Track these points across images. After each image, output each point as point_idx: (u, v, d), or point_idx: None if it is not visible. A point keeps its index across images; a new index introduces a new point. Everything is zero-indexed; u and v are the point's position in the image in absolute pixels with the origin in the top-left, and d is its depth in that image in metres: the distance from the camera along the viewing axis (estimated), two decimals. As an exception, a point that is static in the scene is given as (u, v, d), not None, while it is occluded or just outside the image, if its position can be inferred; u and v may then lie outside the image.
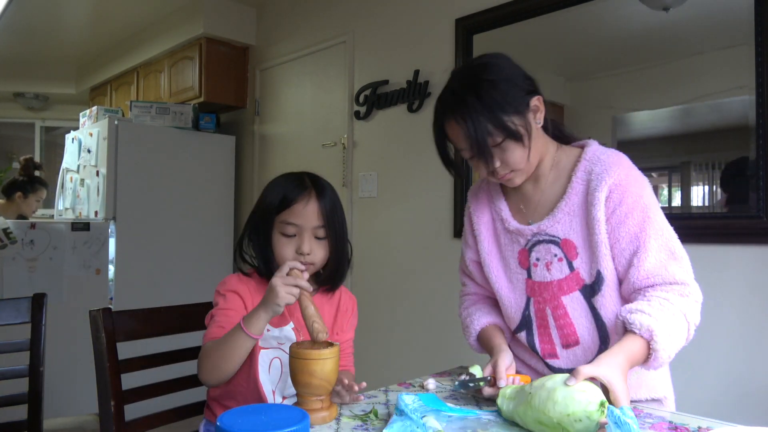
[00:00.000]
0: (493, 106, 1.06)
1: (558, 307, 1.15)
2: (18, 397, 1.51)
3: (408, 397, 1.00)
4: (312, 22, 3.33)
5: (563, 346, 1.17)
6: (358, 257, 3.02)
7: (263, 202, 1.23)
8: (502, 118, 1.06)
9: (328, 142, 3.18)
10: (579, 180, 1.13)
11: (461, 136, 1.10)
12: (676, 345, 1.02)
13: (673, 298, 1.04)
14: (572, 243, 1.13)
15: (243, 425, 0.76)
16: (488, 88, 1.07)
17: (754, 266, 1.70)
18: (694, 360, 1.78)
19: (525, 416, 0.95)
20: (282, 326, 1.22)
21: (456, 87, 1.12)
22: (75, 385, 3.01)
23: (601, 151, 1.15)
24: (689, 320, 1.04)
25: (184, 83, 3.83)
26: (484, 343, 1.26)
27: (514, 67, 1.14)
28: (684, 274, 1.06)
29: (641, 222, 1.08)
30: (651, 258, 1.06)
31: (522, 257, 1.19)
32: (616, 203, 1.08)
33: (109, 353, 1.20)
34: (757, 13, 1.68)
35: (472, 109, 1.06)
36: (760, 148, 1.67)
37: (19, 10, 3.82)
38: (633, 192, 1.08)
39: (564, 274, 1.14)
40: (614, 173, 1.09)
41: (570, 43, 2.14)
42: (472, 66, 1.15)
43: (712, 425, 0.99)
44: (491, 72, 1.10)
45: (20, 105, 5.51)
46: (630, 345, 0.99)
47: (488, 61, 1.14)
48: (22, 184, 3.68)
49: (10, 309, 1.53)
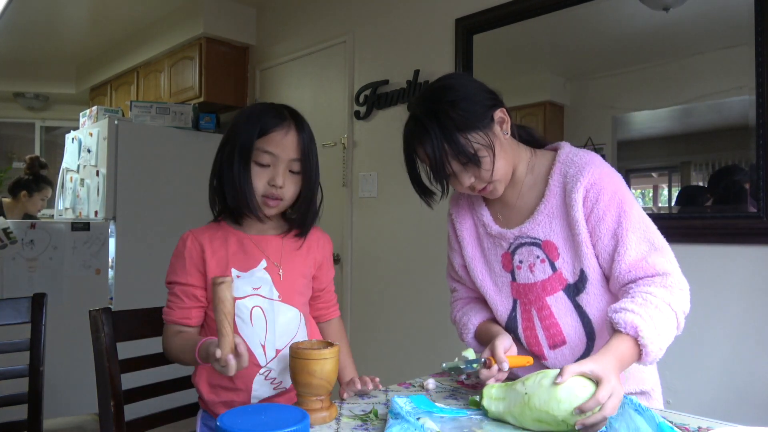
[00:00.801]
0: (455, 128, 1.08)
1: (543, 307, 1.17)
2: (18, 397, 1.51)
3: (400, 400, 1.01)
4: (312, 22, 3.34)
5: (550, 347, 1.18)
6: (358, 257, 3.02)
7: (237, 130, 1.17)
8: (463, 140, 1.08)
9: (328, 142, 3.18)
10: (555, 183, 1.15)
11: (429, 162, 1.14)
12: (665, 337, 1.03)
13: (656, 290, 1.04)
14: (553, 244, 1.15)
15: (243, 425, 0.76)
16: (449, 110, 1.09)
17: (754, 266, 1.70)
18: (694, 360, 1.78)
19: (522, 416, 0.95)
20: (252, 269, 1.17)
21: (418, 114, 1.14)
22: (75, 385, 3.01)
23: (574, 152, 1.17)
24: (675, 309, 1.04)
25: (184, 83, 3.83)
26: (482, 337, 1.26)
27: (473, 83, 1.16)
28: (666, 264, 1.07)
29: (618, 217, 1.10)
30: (631, 251, 1.08)
31: (505, 260, 1.22)
32: (593, 202, 1.11)
33: (109, 353, 1.20)
34: (757, 13, 1.68)
35: (434, 136, 1.09)
36: (760, 148, 1.67)
37: (19, 10, 3.82)
38: (608, 189, 1.10)
39: (547, 274, 1.16)
40: (588, 173, 1.11)
41: (570, 43, 2.14)
42: (432, 89, 1.16)
43: (712, 425, 0.99)
44: (450, 93, 1.12)
45: (20, 105, 5.51)
46: (617, 343, 1.00)
47: (446, 83, 1.16)
48: (27, 182, 3.67)
49: (10, 309, 1.53)
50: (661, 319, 1.02)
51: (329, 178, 3.18)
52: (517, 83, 2.34)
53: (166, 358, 1.19)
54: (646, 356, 1.01)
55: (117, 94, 4.69)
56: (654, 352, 1.01)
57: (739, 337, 1.72)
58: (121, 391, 1.21)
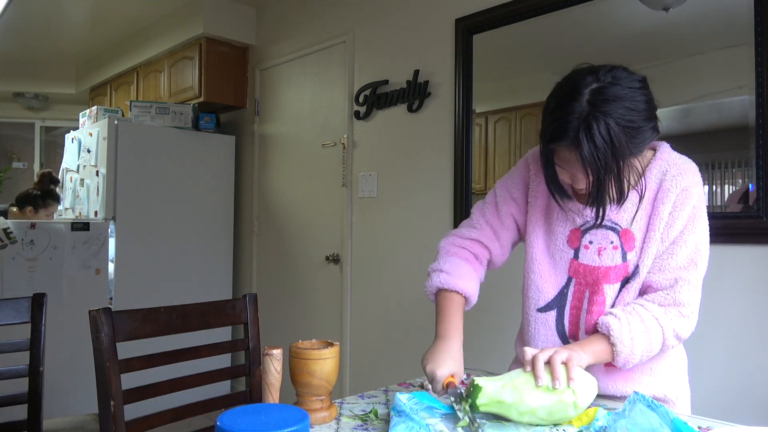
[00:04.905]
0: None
1: (598, 293, 1.15)
2: (18, 397, 1.51)
3: (403, 396, 1.01)
4: (312, 22, 3.33)
5: (586, 332, 1.17)
6: (358, 257, 3.02)
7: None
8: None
9: (328, 142, 3.18)
10: (653, 177, 1.14)
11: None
12: (641, 345, 1.06)
13: (650, 306, 1.09)
14: (632, 235, 1.14)
15: (243, 425, 0.76)
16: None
17: (754, 266, 1.70)
18: (694, 360, 1.78)
19: (522, 417, 0.97)
20: None
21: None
22: (75, 385, 3.01)
23: (677, 155, 1.17)
24: (663, 325, 1.07)
25: (184, 83, 3.83)
26: (442, 304, 1.23)
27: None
28: (686, 293, 1.09)
29: (684, 227, 1.11)
30: (672, 262, 1.10)
31: (573, 236, 1.19)
32: (677, 206, 1.11)
33: (109, 353, 1.20)
34: (757, 13, 1.68)
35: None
36: (760, 148, 1.67)
37: (19, 10, 3.82)
38: (693, 199, 1.11)
39: (615, 262, 1.15)
40: (687, 178, 1.12)
41: (570, 43, 2.14)
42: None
43: (712, 425, 0.99)
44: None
45: (20, 105, 5.50)
46: (591, 339, 1.08)
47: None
48: (34, 198, 3.61)
49: (9, 309, 1.53)
50: (639, 328, 1.06)
51: (329, 178, 3.19)
52: (517, 83, 2.34)
53: None
54: (617, 356, 1.06)
55: (117, 94, 4.69)
56: (624, 353, 1.05)
57: (739, 337, 1.72)
58: (121, 391, 1.21)
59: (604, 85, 1.01)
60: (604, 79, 1.02)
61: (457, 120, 2.49)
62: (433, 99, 2.62)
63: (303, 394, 1.00)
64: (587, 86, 1.01)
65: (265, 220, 3.71)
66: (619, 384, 1.16)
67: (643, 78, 1.06)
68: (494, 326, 2.29)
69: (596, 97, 1.00)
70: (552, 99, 1.07)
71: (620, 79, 1.02)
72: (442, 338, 1.16)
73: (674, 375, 1.20)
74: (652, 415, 0.84)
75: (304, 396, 1.00)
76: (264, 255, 3.71)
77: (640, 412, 0.84)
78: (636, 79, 1.04)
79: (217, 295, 3.66)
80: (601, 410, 0.96)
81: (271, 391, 0.96)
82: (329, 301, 3.18)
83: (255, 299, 1.52)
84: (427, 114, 2.65)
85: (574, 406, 0.95)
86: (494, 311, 2.26)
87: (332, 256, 3.15)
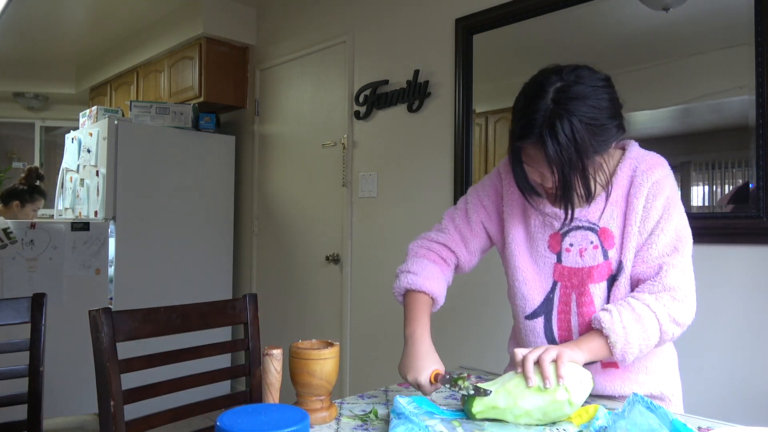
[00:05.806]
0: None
1: (584, 294, 1.16)
2: (18, 397, 1.51)
3: (403, 399, 1.01)
4: (312, 22, 3.33)
5: (579, 335, 1.17)
6: (358, 257, 3.02)
7: None
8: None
9: (328, 142, 3.18)
10: (623, 174, 1.15)
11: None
12: (635, 334, 1.05)
13: (641, 295, 1.08)
14: (610, 232, 1.15)
15: (243, 425, 0.76)
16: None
17: (754, 266, 1.70)
18: (693, 360, 1.78)
19: (518, 419, 0.98)
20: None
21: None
22: (75, 385, 3.01)
23: (645, 151, 1.18)
24: (656, 311, 1.06)
25: (184, 83, 3.83)
26: (410, 304, 1.23)
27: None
28: (675, 278, 1.08)
29: (660, 217, 1.11)
30: (653, 251, 1.10)
31: (553, 241, 1.19)
32: (650, 199, 1.12)
33: (109, 353, 1.20)
34: (757, 13, 1.68)
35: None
36: (760, 148, 1.67)
37: (19, 10, 3.82)
38: (665, 191, 1.12)
39: (597, 261, 1.15)
40: (657, 172, 1.13)
41: (570, 43, 2.14)
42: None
43: (712, 425, 0.99)
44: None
45: (20, 105, 5.50)
46: (585, 336, 1.08)
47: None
48: (21, 192, 3.63)
49: (9, 309, 1.53)
50: (631, 317, 1.05)
51: (329, 178, 3.19)
52: (517, 83, 2.33)
53: None
54: (613, 348, 1.05)
55: (117, 94, 4.69)
56: (619, 343, 1.04)
57: (739, 337, 1.72)
58: (121, 391, 1.21)
59: (567, 83, 1.03)
60: (568, 78, 1.04)
61: (457, 120, 2.49)
62: (433, 99, 2.62)
63: (303, 394, 1.00)
64: (552, 85, 1.04)
65: (265, 220, 3.71)
66: (616, 384, 1.16)
67: (607, 77, 1.09)
68: (494, 326, 2.29)
69: (560, 95, 1.02)
70: (520, 98, 1.10)
71: (584, 78, 1.05)
72: (412, 340, 1.16)
73: (668, 372, 1.20)
74: (651, 417, 0.84)
75: (304, 396, 1.00)
76: (264, 255, 3.71)
77: (639, 413, 0.84)
78: (599, 77, 1.07)
79: (217, 295, 3.66)
80: (602, 408, 0.96)
81: (271, 391, 0.96)
82: (329, 301, 3.18)
83: (255, 299, 1.53)
84: (427, 114, 2.65)
85: (569, 404, 0.95)
86: (494, 311, 2.26)
87: (332, 256, 3.15)
